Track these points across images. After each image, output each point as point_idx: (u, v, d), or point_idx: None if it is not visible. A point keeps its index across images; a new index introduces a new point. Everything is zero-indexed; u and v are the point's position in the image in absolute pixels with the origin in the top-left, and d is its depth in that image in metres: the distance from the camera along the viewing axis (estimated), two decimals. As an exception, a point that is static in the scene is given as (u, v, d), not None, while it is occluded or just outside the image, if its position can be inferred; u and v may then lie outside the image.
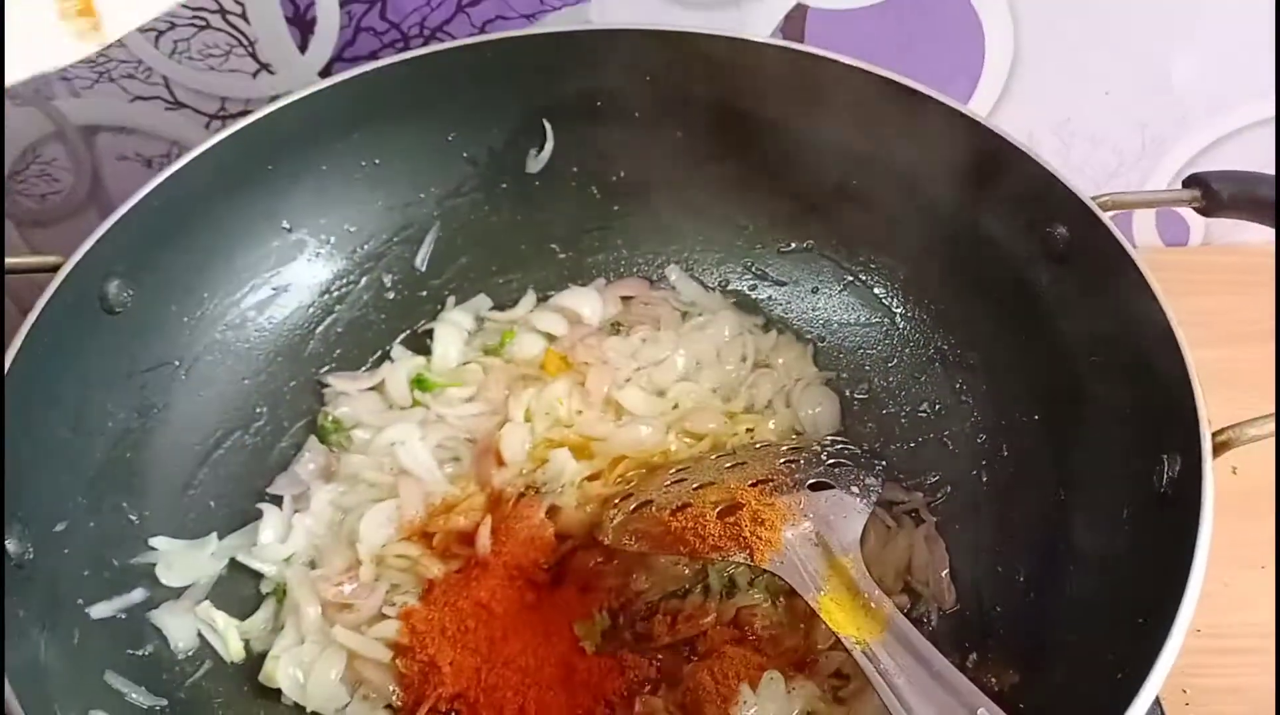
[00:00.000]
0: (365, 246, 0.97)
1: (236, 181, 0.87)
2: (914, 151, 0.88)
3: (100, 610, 0.74)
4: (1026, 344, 0.84)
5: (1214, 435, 0.65)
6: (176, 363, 0.86)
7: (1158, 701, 0.82)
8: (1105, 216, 0.76)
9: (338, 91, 0.88)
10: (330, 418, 0.93)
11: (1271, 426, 0.65)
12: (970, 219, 0.86)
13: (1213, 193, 0.77)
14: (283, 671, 0.77)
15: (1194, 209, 0.78)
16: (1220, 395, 0.77)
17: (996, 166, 0.82)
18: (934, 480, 0.87)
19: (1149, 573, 0.65)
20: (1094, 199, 0.78)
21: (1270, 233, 0.79)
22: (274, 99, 1.06)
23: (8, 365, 0.70)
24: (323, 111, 0.89)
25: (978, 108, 1.12)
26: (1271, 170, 0.87)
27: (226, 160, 0.84)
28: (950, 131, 0.84)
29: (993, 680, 0.73)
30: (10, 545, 0.66)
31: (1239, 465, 1.03)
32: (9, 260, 0.77)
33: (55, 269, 0.76)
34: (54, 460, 0.74)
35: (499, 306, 1.01)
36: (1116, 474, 0.73)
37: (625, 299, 1.02)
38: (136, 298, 0.81)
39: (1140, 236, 1.26)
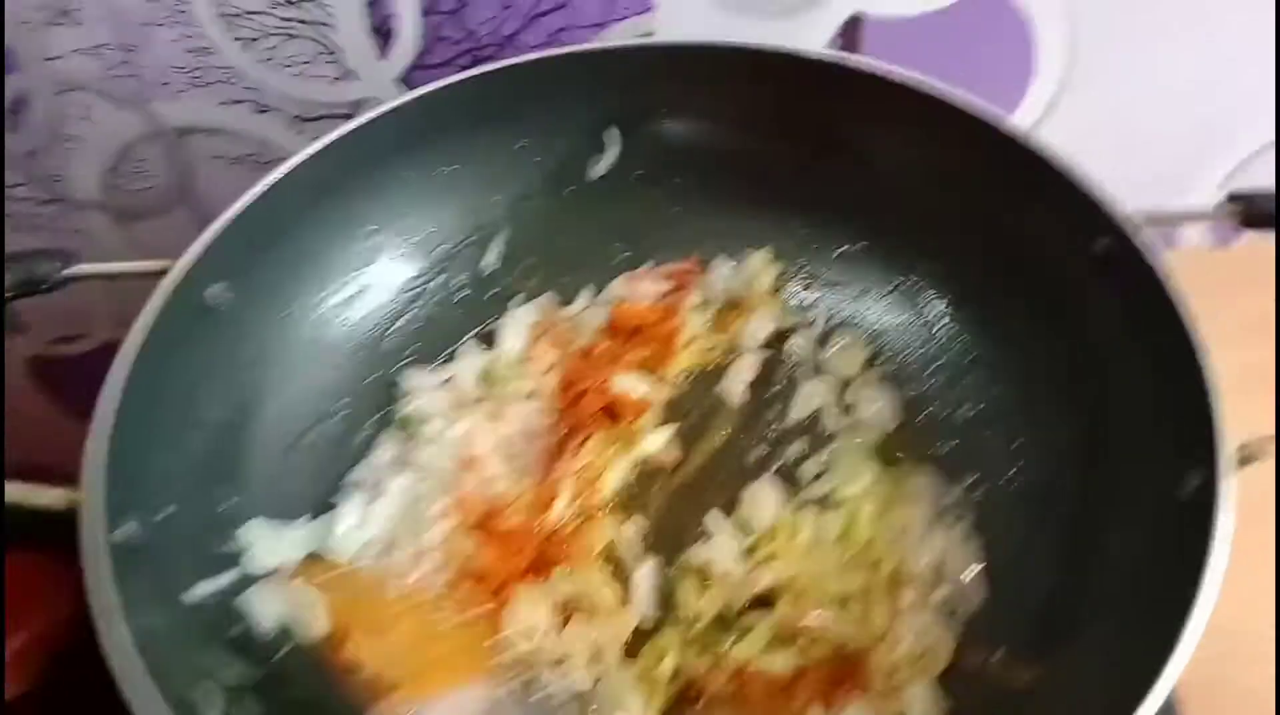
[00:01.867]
0: (440, 247, 1.03)
1: (326, 190, 0.93)
2: (962, 164, 0.91)
3: (199, 592, 0.80)
4: (1063, 352, 0.87)
5: (1237, 450, 0.68)
6: (269, 358, 0.93)
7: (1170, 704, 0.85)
8: (1144, 232, 0.79)
9: (418, 105, 0.94)
10: (403, 413, 0.98)
11: (1293, 446, 0.68)
12: (1015, 229, 0.90)
13: (1254, 208, 0.79)
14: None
15: (1235, 224, 0.81)
16: (1261, 398, 0.79)
17: (1042, 180, 0.85)
18: (972, 480, 0.90)
19: (1169, 580, 0.68)
20: (1135, 213, 0.80)
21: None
22: (357, 104, 1.14)
23: (129, 358, 0.77)
24: (405, 123, 0.94)
25: (1032, 109, 1.15)
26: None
27: (317, 171, 0.90)
28: (998, 146, 0.87)
29: (1016, 674, 0.78)
30: (123, 533, 0.73)
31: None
32: (122, 265, 0.85)
33: (162, 273, 0.83)
34: (164, 452, 0.81)
35: (564, 303, 1.07)
36: (1142, 483, 0.76)
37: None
38: (235, 299, 0.87)
39: (1188, 236, 1.28)
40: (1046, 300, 0.88)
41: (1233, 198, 0.81)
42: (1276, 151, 1.17)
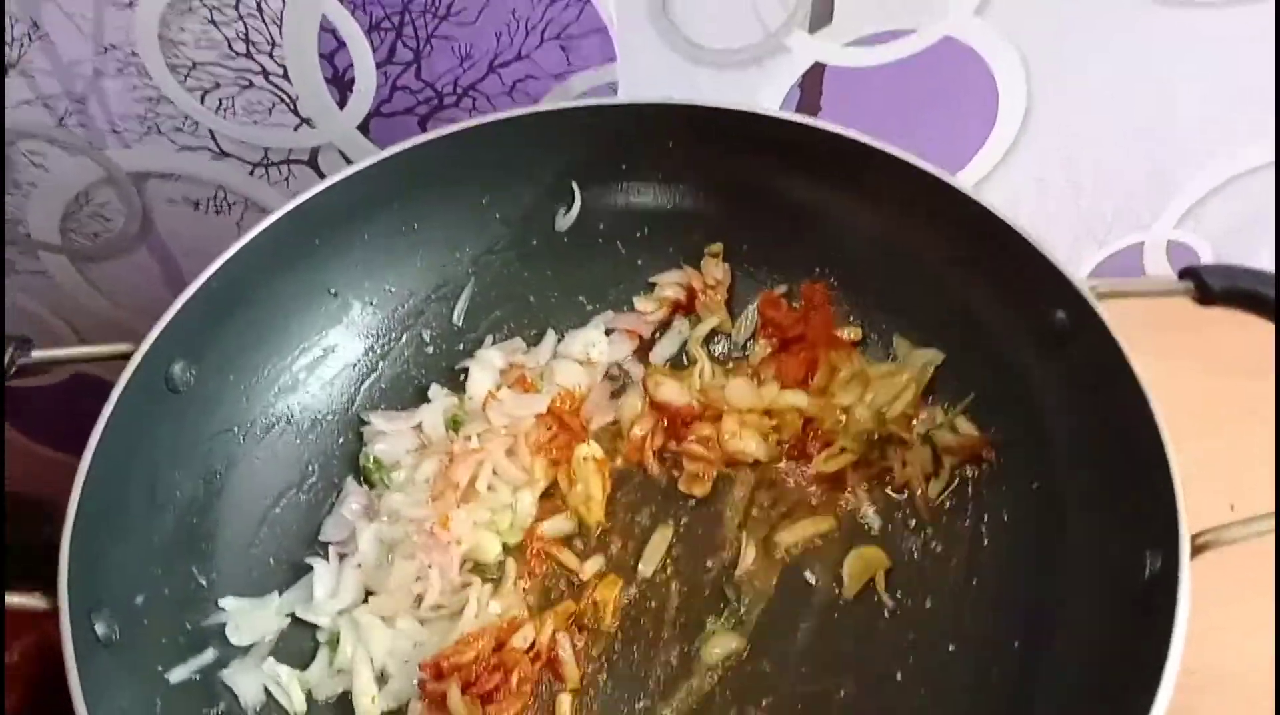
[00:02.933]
0: (405, 305, 1.03)
1: (287, 257, 0.93)
2: (921, 230, 0.92)
3: (178, 674, 0.81)
4: (1023, 422, 0.88)
5: (1194, 537, 0.70)
6: (235, 429, 0.93)
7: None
8: (1101, 308, 0.80)
9: (380, 168, 0.93)
10: (371, 458, 0.98)
11: (1251, 530, 0.70)
12: (974, 297, 0.91)
13: (1205, 286, 0.80)
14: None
15: (1191, 299, 0.82)
16: (1223, 436, 0.79)
17: (1000, 249, 0.86)
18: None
19: (1129, 657, 0.70)
20: (1092, 289, 0.81)
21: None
22: (317, 150, 1.12)
23: (90, 454, 0.76)
24: (366, 186, 0.94)
25: (991, 155, 1.16)
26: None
27: (278, 239, 0.90)
28: (959, 215, 0.88)
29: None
30: (99, 628, 0.73)
31: (1236, 502, 1.08)
32: (86, 350, 0.84)
33: (126, 357, 0.81)
34: (131, 537, 0.81)
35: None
36: (1102, 560, 0.78)
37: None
38: (199, 374, 0.87)
39: (1151, 267, 1.30)
40: (1006, 369, 0.89)
41: (1183, 273, 0.82)
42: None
